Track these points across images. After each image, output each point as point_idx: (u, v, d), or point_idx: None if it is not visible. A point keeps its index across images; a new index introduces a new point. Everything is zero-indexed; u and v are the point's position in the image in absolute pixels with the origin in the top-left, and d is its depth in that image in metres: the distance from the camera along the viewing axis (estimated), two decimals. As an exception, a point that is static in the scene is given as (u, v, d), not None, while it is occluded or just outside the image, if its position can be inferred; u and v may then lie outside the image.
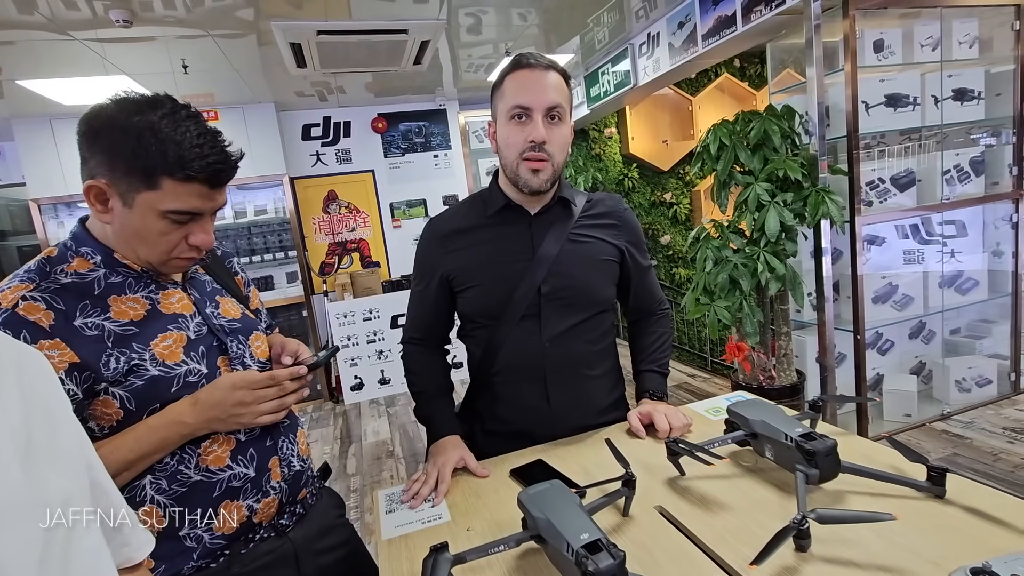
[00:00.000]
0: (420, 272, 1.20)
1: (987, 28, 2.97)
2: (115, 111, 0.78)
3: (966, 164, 2.96)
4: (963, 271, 3.15)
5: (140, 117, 0.76)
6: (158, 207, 0.78)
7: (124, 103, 0.79)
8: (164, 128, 0.76)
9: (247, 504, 0.87)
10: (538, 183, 1.06)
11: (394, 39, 3.16)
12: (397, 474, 3.26)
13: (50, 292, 0.77)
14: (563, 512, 0.69)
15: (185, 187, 0.78)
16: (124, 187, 0.77)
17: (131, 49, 2.97)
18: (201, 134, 0.79)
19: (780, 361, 2.84)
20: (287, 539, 0.92)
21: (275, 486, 0.91)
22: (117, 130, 0.76)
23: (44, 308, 0.75)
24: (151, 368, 0.81)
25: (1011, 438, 2.69)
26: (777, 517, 0.78)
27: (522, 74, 1.04)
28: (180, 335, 0.85)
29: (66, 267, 0.81)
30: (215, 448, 0.85)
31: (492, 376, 1.15)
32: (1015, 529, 0.68)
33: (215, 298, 0.96)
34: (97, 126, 0.78)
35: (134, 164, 0.76)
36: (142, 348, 0.81)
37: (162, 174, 0.76)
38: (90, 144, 0.78)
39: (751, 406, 0.95)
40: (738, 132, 2.65)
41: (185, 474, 0.83)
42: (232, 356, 0.91)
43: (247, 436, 0.89)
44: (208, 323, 0.90)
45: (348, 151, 5.01)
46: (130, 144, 0.75)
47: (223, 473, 0.86)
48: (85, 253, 0.83)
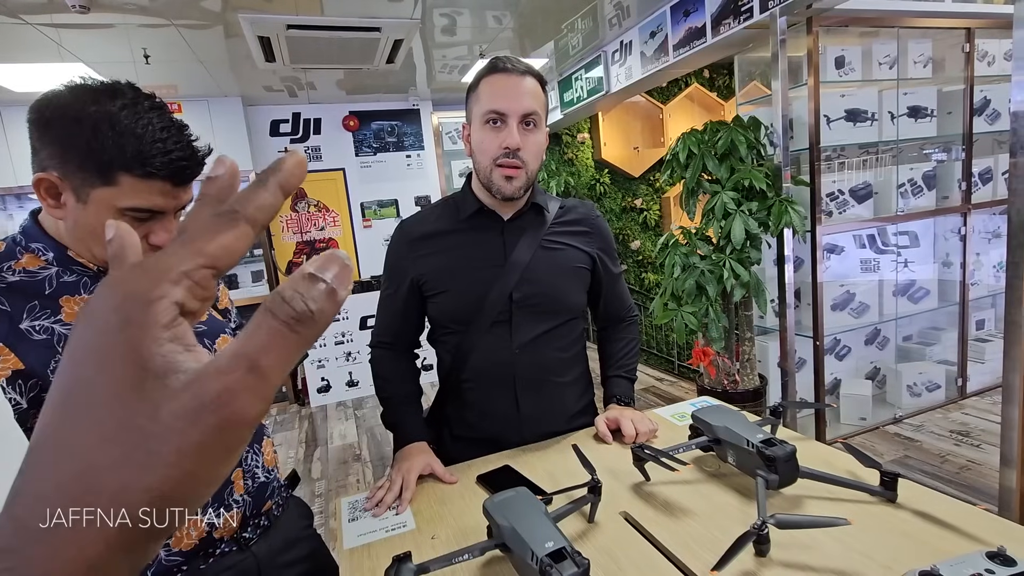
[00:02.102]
0: (390, 276, 1.18)
1: (940, 49, 3.12)
2: (69, 99, 0.71)
3: (919, 178, 3.10)
4: (915, 280, 3.29)
5: (97, 107, 0.70)
6: (115, 204, 0.72)
7: (79, 90, 0.72)
8: (123, 119, 0.70)
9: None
10: (511, 190, 1.05)
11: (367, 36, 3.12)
12: (364, 478, 3.21)
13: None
14: (528, 520, 0.69)
15: (145, 184, 0.72)
16: (78, 182, 0.71)
17: (88, 36, 2.84)
18: (165, 127, 0.73)
19: (743, 366, 2.91)
20: (250, 553, 0.88)
21: (238, 499, 0.86)
22: (70, 120, 0.69)
23: None
24: None
25: (957, 441, 2.82)
26: (738, 522, 0.79)
27: (498, 79, 1.03)
28: None
29: (14, 264, 0.75)
30: None
31: (462, 382, 1.14)
32: (962, 533, 0.71)
33: None
34: (49, 115, 0.71)
35: (88, 158, 0.69)
36: None
37: (120, 170, 0.70)
38: (40, 134, 0.72)
39: (715, 412, 0.97)
40: (706, 141, 2.71)
41: None
42: None
43: None
44: None
45: (318, 148, 4.92)
46: (84, 136, 0.69)
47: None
48: (36, 249, 0.76)
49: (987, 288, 3.48)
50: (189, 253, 0.22)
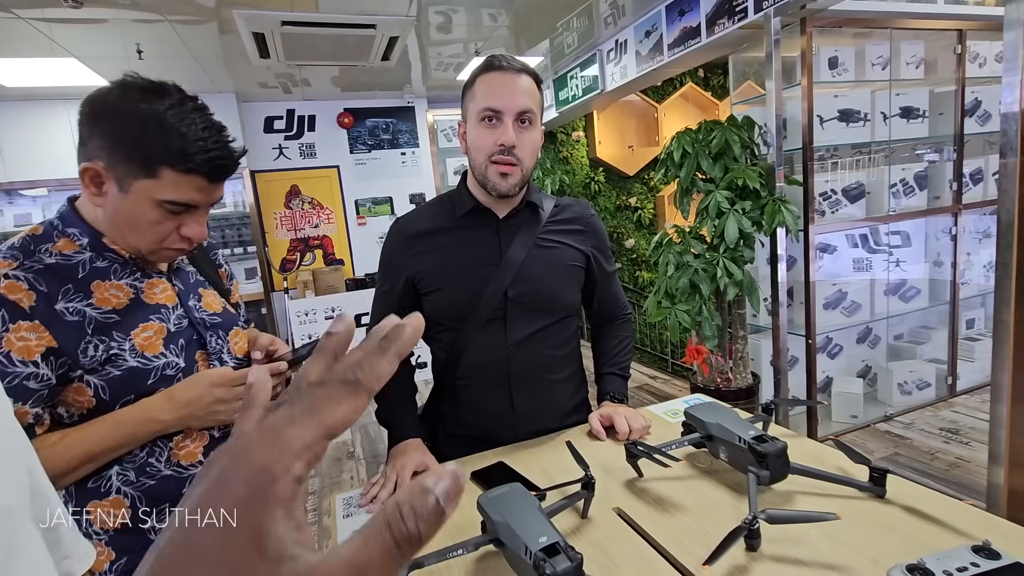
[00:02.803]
0: (385, 273, 1.18)
1: (932, 50, 3.15)
2: (121, 95, 0.76)
3: (911, 178, 3.12)
4: (907, 280, 3.32)
5: (146, 104, 0.75)
6: (155, 196, 0.77)
7: (130, 88, 0.76)
8: (169, 118, 0.75)
9: None
10: (506, 187, 1.05)
11: (362, 33, 3.11)
12: (357, 476, 3.21)
13: (33, 272, 0.75)
14: (522, 515, 0.70)
15: (185, 179, 0.77)
16: (122, 172, 0.76)
17: (81, 30, 2.82)
18: (206, 127, 0.78)
19: (736, 364, 2.92)
20: None
21: None
22: (121, 115, 0.74)
23: (26, 288, 0.73)
24: (130, 359, 0.79)
25: (947, 438, 2.85)
26: (730, 517, 0.80)
27: (494, 76, 1.03)
28: (160, 326, 0.84)
29: (51, 247, 0.78)
30: (188, 443, 0.85)
31: (456, 379, 1.14)
32: (949, 527, 0.72)
33: (198, 290, 0.94)
34: (100, 109, 0.76)
35: (135, 151, 0.74)
36: (122, 337, 0.79)
37: (163, 164, 0.75)
38: (91, 126, 0.76)
39: (707, 409, 0.98)
40: (701, 141, 2.73)
41: (155, 467, 0.82)
42: (211, 351, 0.90)
43: (221, 432, 0.88)
44: (189, 316, 0.89)
45: (312, 145, 4.90)
46: (133, 131, 0.74)
47: (194, 469, 0.84)
48: (72, 234, 0.81)
49: (977, 288, 3.52)
50: (313, 425, 0.23)
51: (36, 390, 0.73)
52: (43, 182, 3.96)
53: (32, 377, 0.72)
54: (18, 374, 0.71)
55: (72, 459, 0.74)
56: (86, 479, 0.79)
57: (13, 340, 0.71)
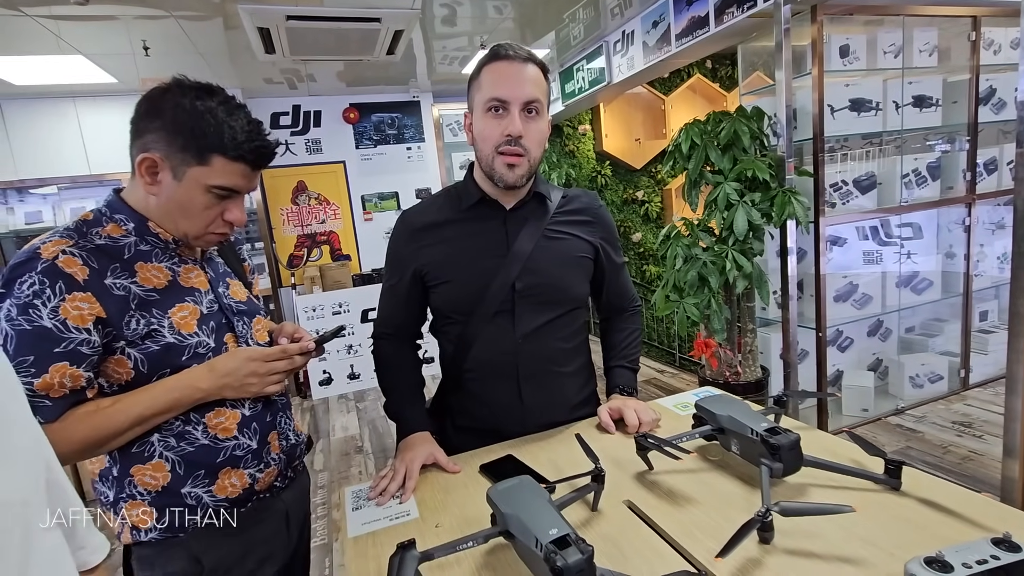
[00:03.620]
0: (392, 266, 1.17)
1: (945, 38, 3.09)
2: (179, 93, 0.85)
3: (923, 168, 3.08)
4: (918, 272, 3.28)
5: (200, 101, 0.85)
6: (206, 182, 0.86)
7: (186, 87, 0.87)
8: (220, 113, 0.85)
9: (249, 472, 0.95)
10: (513, 178, 1.04)
11: (367, 27, 3.09)
12: (366, 470, 3.22)
13: (86, 250, 0.83)
14: (532, 507, 0.69)
15: (232, 166, 0.87)
16: (177, 161, 0.85)
17: (88, 28, 2.83)
18: (250, 122, 0.89)
19: (746, 357, 2.90)
20: (280, 500, 1.04)
21: (275, 457, 1.00)
22: (182, 110, 0.84)
23: (80, 263, 0.81)
24: (167, 335, 0.87)
25: (959, 432, 2.82)
26: (742, 510, 0.79)
27: (500, 66, 1.02)
28: (195, 308, 0.92)
29: (101, 230, 0.88)
30: (223, 420, 0.92)
31: (464, 372, 1.14)
32: (966, 520, 0.71)
33: (226, 279, 1.03)
34: (162, 104, 0.85)
35: (191, 141, 0.84)
36: (161, 315, 0.87)
37: (215, 152, 0.85)
38: (151, 119, 0.85)
39: (718, 401, 0.97)
40: (709, 132, 2.70)
41: (193, 435, 0.90)
42: (238, 335, 0.98)
43: (251, 410, 0.96)
44: (219, 301, 0.97)
45: (318, 141, 4.90)
46: (191, 123, 0.83)
47: (229, 442, 0.93)
48: (119, 220, 0.89)
49: (991, 279, 3.47)
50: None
51: (88, 355, 0.81)
52: (53, 179, 3.98)
53: (85, 343, 0.80)
54: (73, 339, 0.79)
55: (126, 420, 0.83)
56: (130, 444, 0.87)
57: (69, 309, 0.79)
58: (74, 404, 0.82)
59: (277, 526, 1.03)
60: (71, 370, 0.79)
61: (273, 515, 1.02)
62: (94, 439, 0.81)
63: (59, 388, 0.79)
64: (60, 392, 0.80)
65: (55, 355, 0.78)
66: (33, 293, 0.78)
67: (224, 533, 0.93)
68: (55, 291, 0.79)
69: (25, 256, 0.80)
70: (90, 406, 0.83)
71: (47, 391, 0.79)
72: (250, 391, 0.91)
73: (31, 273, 0.78)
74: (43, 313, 0.78)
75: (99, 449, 0.84)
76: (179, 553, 0.91)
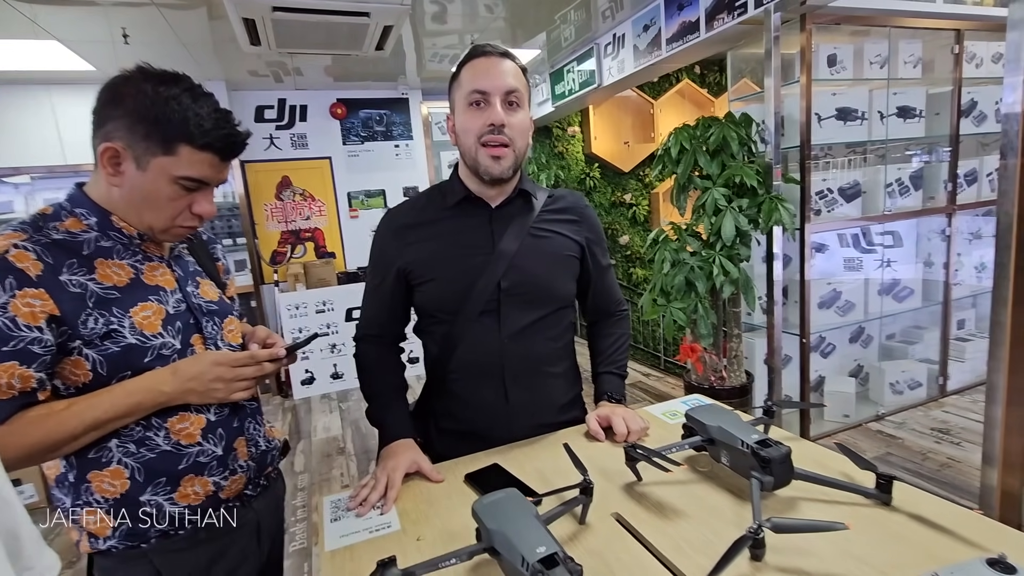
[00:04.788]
0: (376, 266, 1.15)
1: (930, 50, 3.14)
2: (142, 79, 0.82)
3: (906, 178, 3.12)
4: (900, 280, 3.32)
5: (164, 88, 0.81)
6: (172, 172, 0.82)
7: (149, 74, 0.83)
8: (185, 100, 0.81)
9: (213, 480, 0.91)
10: (499, 170, 1.03)
11: (355, 22, 3.04)
12: (348, 472, 3.17)
13: (41, 245, 0.79)
14: (518, 523, 0.67)
15: (199, 155, 0.83)
16: (141, 150, 0.81)
17: (64, 12, 2.73)
18: (216, 110, 0.84)
19: (731, 362, 2.91)
20: (251, 509, 1.00)
21: (242, 464, 0.96)
22: (144, 96, 0.80)
23: (34, 258, 0.77)
24: (128, 336, 0.83)
25: (938, 439, 2.86)
26: (732, 524, 0.78)
27: (479, 62, 1.03)
28: (159, 308, 0.88)
29: (59, 224, 0.84)
30: (186, 425, 0.88)
31: (449, 373, 1.11)
32: (959, 538, 0.70)
33: (196, 279, 0.99)
34: (124, 91, 0.81)
35: (155, 129, 0.80)
36: (121, 314, 0.83)
37: (180, 141, 0.81)
38: (112, 108, 0.81)
39: (708, 412, 0.95)
40: (698, 137, 2.70)
41: (154, 441, 0.86)
42: (206, 336, 0.94)
43: (216, 415, 0.92)
44: (187, 301, 0.93)
45: (304, 136, 4.82)
46: (154, 111, 0.80)
47: (192, 448, 0.89)
48: (80, 214, 0.85)
49: (969, 288, 3.53)
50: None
51: (40, 355, 0.77)
52: (27, 169, 3.85)
53: (36, 342, 0.76)
54: (23, 338, 0.75)
55: (80, 424, 0.78)
56: (87, 449, 0.83)
57: (19, 305, 0.75)
58: (24, 406, 0.77)
59: (247, 536, 0.99)
60: (20, 370, 0.75)
61: (242, 525, 0.98)
62: (45, 444, 0.77)
63: (7, 389, 0.75)
64: (8, 393, 0.75)
65: (2, 354, 0.74)
66: None
67: (188, 543, 0.90)
68: (4, 287, 0.74)
69: None
70: (41, 409, 0.78)
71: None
72: (215, 396, 0.87)
73: None
74: None
75: (50, 454, 0.79)
76: (140, 564, 0.87)
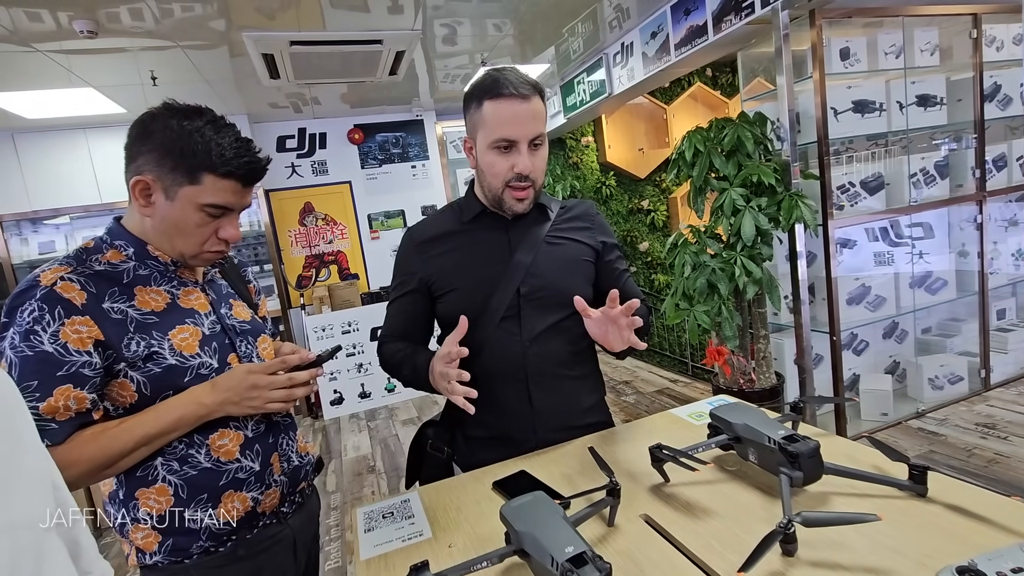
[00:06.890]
0: (399, 280, 1.19)
1: (947, 36, 3.08)
2: (168, 115, 0.87)
3: (931, 167, 3.05)
4: (932, 271, 3.23)
5: (188, 122, 0.87)
6: (198, 200, 0.88)
7: (175, 109, 0.88)
8: (208, 132, 0.87)
9: (251, 495, 0.95)
10: (523, 208, 1.10)
11: (369, 49, 3.14)
12: (379, 490, 3.20)
13: (85, 276, 0.85)
14: (547, 525, 0.68)
15: (223, 183, 0.88)
16: (169, 182, 0.87)
17: (97, 60, 2.89)
18: (238, 139, 0.90)
19: (759, 364, 2.86)
20: (287, 525, 1.03)
21: (276, 479, 1.00)
22: (170, 131, 0.86)
23: (79, 288, 0.83)
24: (169, 357, 0.88)
25: (983, 434, 2.75)
26: (762, 521, 0.77)
27: (504, 105, 1.03)
28: (196, 330, 0.93)
29: (100, 257, 0.90)
30: (226, 442, 0.93)
31: (473, 380, 1.13)
32: (997, 525, 0.68)
33: (229, 301, 1.04)
34: (151, 127, 0.87)
35: (181, 161, 0.85)
36: (160, 337, 0.89)
37: (205, 170, 0.86)
38: (141, 143, 0.87)
39: (734, 410, 0.95)
40: (712, 139, 2.69)
41: (195, 458, 0.91)
42: (241, 355, 0.99)
43: (253, 432, 0.97)
44: (222, 322, 0.99)
45: (324, 162, 4.96)
46: (180, 143, 0.85)
47: (232, 465, 0.93)
48: (119, 246, 0.92)
49: (1007, 277, 3.41)
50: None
51: (91, 377, 0.83)
52: (66, 210, 4.05)
53: (86, 365, 0.82)
54: (75, 362, 0.81)
55: (131, 440, 0.84)
56: (135, 467, 0.88)
57: (69, 332, 0.81)
58: (80, 426, 0.83)
59: (283, 552, 1.03)
60: (75, 392, 0.81)
61: (279, 542, 1.01)
62: (101, 461, 0.82)
63: (64, 411, 0.80)
64: (66, 415, 0.81)
65: (58, 378, 0.80)
66: (33, 319, 0.80)
67: (227, 560, 0.94)
68: (54, 316, 0.80)
69: (25, 285, 0.83)
70: (96, 428, 0.83)
71: (53, 414, 0.80)
72: (252, 406, 0.90)
73: (31, 300, 0.80)
74: (44, 338, 0.80)
75: (106, 471, 0.84)
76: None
